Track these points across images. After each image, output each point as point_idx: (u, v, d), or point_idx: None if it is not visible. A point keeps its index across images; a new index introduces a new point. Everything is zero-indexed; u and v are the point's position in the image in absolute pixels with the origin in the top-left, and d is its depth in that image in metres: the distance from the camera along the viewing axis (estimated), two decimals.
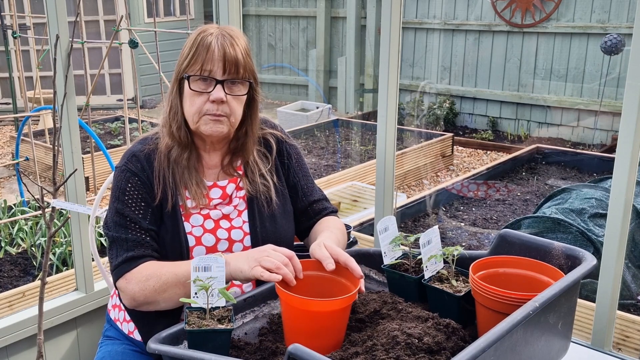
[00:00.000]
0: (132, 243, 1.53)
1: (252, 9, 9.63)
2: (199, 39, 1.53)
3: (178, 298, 1.44)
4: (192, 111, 1.55)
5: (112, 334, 1.69)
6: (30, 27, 5.90)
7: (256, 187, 1.64)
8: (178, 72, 1.56)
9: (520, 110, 7.52)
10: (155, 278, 1.47)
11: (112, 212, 1.57)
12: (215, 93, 1.52)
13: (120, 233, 1.55)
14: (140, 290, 1.47)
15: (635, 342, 2.60)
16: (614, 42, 6.37)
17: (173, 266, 1.48)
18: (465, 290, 1.39)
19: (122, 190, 1.57)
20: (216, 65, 1.51)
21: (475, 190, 5.27)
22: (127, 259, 1.52)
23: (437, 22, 7.89)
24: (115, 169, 1.62)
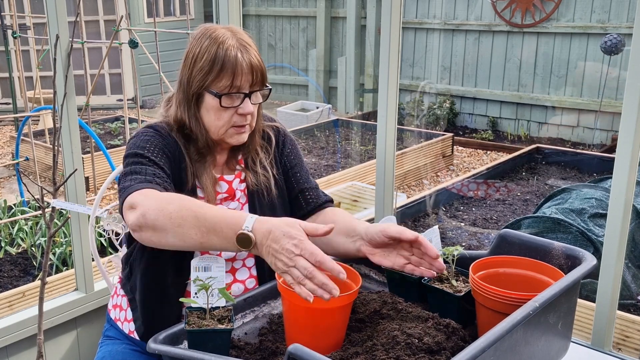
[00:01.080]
0: (150, 175, 1.45)
1: (252, 9, 9.63)
2: (221, 52, 1.49)
3: (189, 241, 1.30)
4: (218, 125, 1.53)
5: (113, 334, 1.69)
6: (30, 27, 5.90)
7: (257, 178, 1.63)
8: (199, 86, 1.52)
9: (520, 110, 7.52)
10: (177, 206, 1.32)
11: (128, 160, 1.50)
12: (246, 107, 1.52)
13: (137, 166, 1.47)
14: (156, 209, 1.32)
15: (635, 342, 2.60)
16: (614, 42, 6.37)
17: (198, 206, 1.32)
18: (465, 290, 1.39)
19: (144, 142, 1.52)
20: (244, 79, 1.50)
21: (475, 190, 5.27)
22: (148, 180, 1.43)
23: (437, 22, 7.89)
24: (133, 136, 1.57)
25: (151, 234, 1.33)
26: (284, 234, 1.22)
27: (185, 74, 1.54)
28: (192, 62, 1.53)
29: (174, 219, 1.30)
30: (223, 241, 1.28)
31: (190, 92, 1.54)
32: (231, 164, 1.65)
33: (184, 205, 1.32)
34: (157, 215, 1.31)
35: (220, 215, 1.30)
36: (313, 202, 1.69)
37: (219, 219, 1.29)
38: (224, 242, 1.28)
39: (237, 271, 1.60)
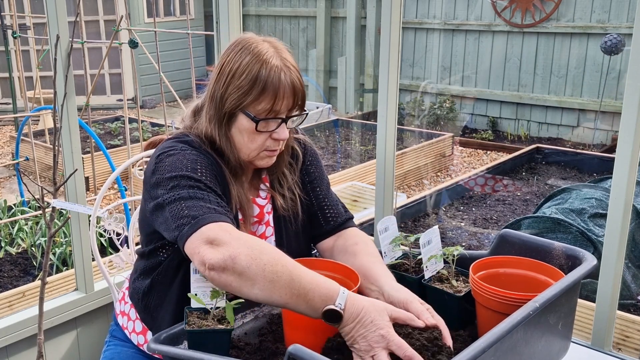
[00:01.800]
0: (215, 204, 1.31)
1: (252, 9, 9.63)
2: (264, 72, 1.38)
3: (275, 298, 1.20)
4: (250, 147, 1.44)
5: (120, 336, 1.65)
6: (30, 27, 5.89)
7: (286, 203, 1.55)
8: (235, 106, 1.41)
9: (520, 110, 7.52)
10: (272, 258, 1.21)
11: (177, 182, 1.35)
12: (282, 133, 1.43)
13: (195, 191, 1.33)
14: (248, 256, 1.19)
15: (635, 342, 2.60)
16: (614, 42, 6.37)
17: (292, 265, 1.22)
18: (465, 291, 1.39)
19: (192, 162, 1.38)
20: (284, 103, 1.41)
21: (475, 190, 5.27)
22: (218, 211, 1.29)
23: (437, 22, 7.89)
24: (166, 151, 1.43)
25: (234, 280, 1.20)
26: (371, 321, 1.17)
27: (220, 89, 1.43)
28: (229, 77, 1.42)
29: (267, 273, 1.19)
30: (309, 310, 1.20)
31: (223, 109, 1.43)
32: (255, 183, 1.57)
33: (278, 259, 1.22)
34: (249, 264, 1.19)
35: (315, 282, 1.21)
36: (333, 221, 1.60)
37: (313, 286, 1.20)
38: (309, 311, 1.21)
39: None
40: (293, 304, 1.20)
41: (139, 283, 1.57)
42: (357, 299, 1.20)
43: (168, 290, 1.50)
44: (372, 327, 1.16)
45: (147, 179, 1.44)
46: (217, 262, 1.19)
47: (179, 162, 1.39)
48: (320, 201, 1.61)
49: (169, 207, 1.33)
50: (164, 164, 1.40)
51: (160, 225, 1.37)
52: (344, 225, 1.61)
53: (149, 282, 1.53)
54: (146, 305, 1.55)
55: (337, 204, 1.64)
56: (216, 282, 1.22)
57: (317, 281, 1.21)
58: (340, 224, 1.61)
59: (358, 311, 1.18)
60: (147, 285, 1.53)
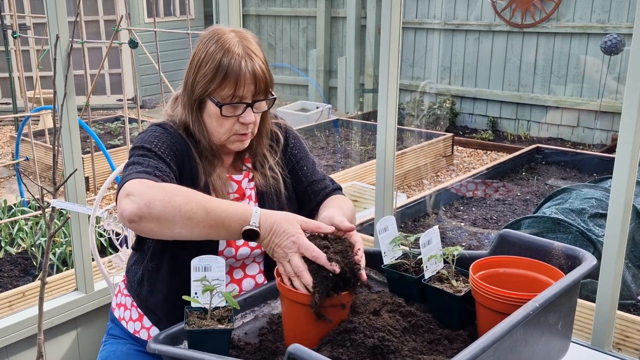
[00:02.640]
0: (152, 168, 1.43)
1: (252, 9, 9.62)
2: (225, 60, 1.48)
3: (196, 232, 1.32)
4: (220, 131, 1.54)
5: (117, 333, 1.68)
6: (30, 27, 5.89)
7: (267, 181, 1.64)
8: (202, 92, 1.51)
9: (520, 110, 7.52)
10: (185, 198, 1.31)
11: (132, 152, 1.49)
12: (247, 117, 1.52)
13: (140, 158, 1.46)
14: (162, 200, 1.29)
15: (635, 342, 2.60)
16: (614, 42, 6.37)
17: (206, 200, 1.33)
18: (465, 290, 1.39)
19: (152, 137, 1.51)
20: (247, 89, 1.49)
21: (475, 190, 5.27)
22: (147, 172, 1.41)
23: (437, 22, 7.89)
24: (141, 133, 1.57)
25: (154, 225, 1.30)
26: (284, 230, 1.31)
27: (190, 78, 1.53)
28: (197, 66, 1.52)
29: (183, 212, 1.30)
30: (230, 234, 1.34)
31: (193, 96, 1.53)
32: (237, 165, 1.65)
33: (191, 198, 1.33)
34: (165, 207, 1.29)
35: (229, 210, 1.33)
36: (321, 193, 1.70)
37: (228, 213, 1.33)
38: (230, 235, 1.34)
39: (247, 267, 1.60)
40: (214, 233, 1.33)
41: (132, 275, 1.65)
42: (271, 214, 1.34)
43: (157, 277, 1.57)
44: (284, 236, 1.30)
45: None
46: (133, 212, 1.29)
47: (141, 137, 1.53)
48: (309, 178, 1.71)
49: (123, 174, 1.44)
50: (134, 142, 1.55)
51: None
52: (330, 194, 1.71)
53: (140, 272, 1.61)
54: (139, 295, 1.61)
55: (324, 179, 1.74)
56: (139, 231, 1.33)
57: (230, 208, 1.34)
58: (327, 193, 1.70)
59: (271, 224, 1.32)
60: (140, 276, 1.61)
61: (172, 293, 1.51)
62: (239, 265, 1.59)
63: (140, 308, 1.62)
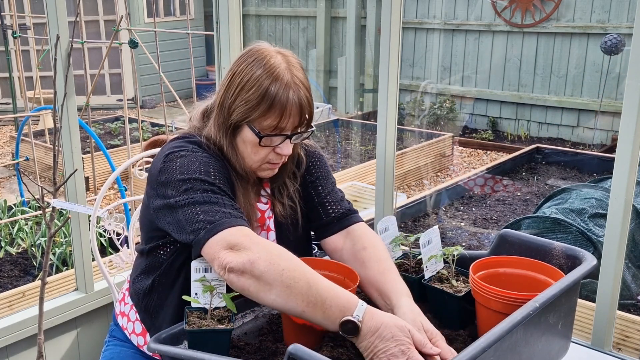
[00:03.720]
0: (231, 208, 1.32)
1: (252, 9, 9.62)
2: (273, 89, 1.38)
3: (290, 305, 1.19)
4: (254, 159, 1.45)
5: (120, 336, 1.65)
6: (30, 27, 5.89)
7: (286, 211, 1.56)
8: (241, 118, 1.41)
9: (520, 110, 7.52)
10: (290, 263, 1.21)
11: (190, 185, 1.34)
12: (285, 149, 1.44)
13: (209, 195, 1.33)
14: (267, 260, 1.20)
15: (635, 342, 2.60)
16: (614, 42, 6.37)
17: (310, 272, 1.22)
18: (465, 290, 1.39)
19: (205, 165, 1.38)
20: (290, 120, 1.40)
21: (475, 190, 5.27)
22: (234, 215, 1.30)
23: (437, 22, 7.89)
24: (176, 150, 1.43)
25: (252, 283, 1.21)
26: (392, 336, 1.16)
27: (229, 99, 1.43)
28: (239, 89, 1.41)
29: (285, 278, 1.19)
30: (327, 320, 1.19)
31: (230, 120, 1.43)
32: (257, 189, 1.57)
33: (296, 265, 1.22)
34: (267, 268, 1.20)
35: (332, 291, 1.20)
36: (334, 213, 1.58)
37: (331, 295, 1.19)
38: (326, 321, 1.19)
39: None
40: (310, 312, 1.19)
41: (139, 283, 1.57)
42: (377, 313, 1.18)
43: (169, 292, 1.50)
44: (392, 343, 1.15)
45: (153, 177, 1.44)
46: (237, 266, 1.21)
47: (191, 164, 1.38)
48: (322, 197, 1.60)
49: (182, 210, 1.33)
50: (174, 164, 1.40)
51: (168, 226, 1.37)
52: (348, 221, 1.58)
53: (149, 283, 1.53)
54: (146, 306, 1.55)
55: (341, 200, 1.61)
56: (234, 285, 1.24)
57: (335, 291, 1.20)
58: (341, 215, 1.58)
59: (377, 325, 1.16)
60: (148, 286, 1.53)
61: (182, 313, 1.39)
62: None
63: (143, 322, 1.56)
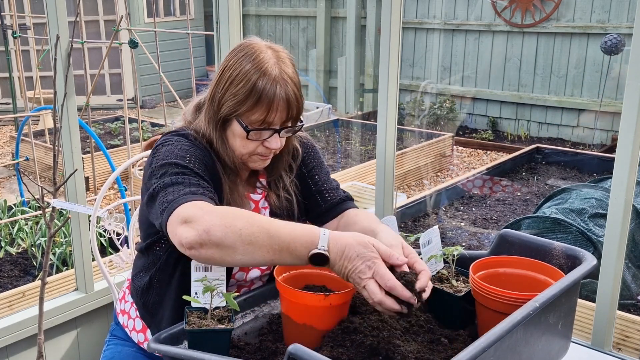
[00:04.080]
0: (195, 186, 1.34)
1: (252, 9, 9.62)
2: (260, 84, 1.39)
3: (258, 259, 1.22)
4: (242, 152, 1.48)
5: (120, 335, 1.66)
6: (30, 27, 5.89)
7: (281, 203, 1.58)
8: (229, 112, 1.43)
9: (520, 110, 7.52)
10: (245, 222, 1.22)
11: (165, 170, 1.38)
12: (273, 143, 1.46)
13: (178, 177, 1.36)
14: (222, 225, 1.21)
15: (635, 342, 2.60)
16: (614, 42, 6.37)
17: (268, 222, 1.24)
18: (465, 290, 1.39)
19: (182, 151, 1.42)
20: (278, 115, 1.42)
21: (475, 190, 5.27)
22: (194, 192, 1.32)
23: (437, 22, 7.89)
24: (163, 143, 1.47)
25: (215, 252, 1.22)
26: (357, 255, 1.20)
27: (218, 93, 1.45)
28: (228, 83, 1.43)
29: (244, 237, 1.21)
30: (297, 259, 1.23)
31: (220, 113, 1.46)
32: (252, 181, 1.60)
33: (252, 221, 1.23)
34: (224, 232, 1.21)
35: (293, 233, 1.23)
36: (331, 200, 1.62)
37: (293, 236, 1.22)
38: (297, 261, 1.23)
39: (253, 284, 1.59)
40: (278, 258, 1.23)
41: (138, 280, 1.59)
42: (340, 236, 1.22)
43: (167, 288, 1.51)
44: (358, 261, 1.20)
45: (145, 172, 1.48)
46: (193, 239, 1.21)
47: (170, 151, 1.43)
48: (319, 186, 1.64)
49: (158, 196, 1.36)
50: (158, 155, 1.44)
51: (152, 216, 1.40)
52: (344, 206, 1.62)
53: (147, 280, 1.55)
54: (145, 303, 1.56)
55: (336, 188, 1.66)
56: (198, 259, 1.25)
57: (296, 232, 1.23)
58: (338, 201, 1.62)
59: (342, 248, 1.21)
60: (146, 283, 1.55)
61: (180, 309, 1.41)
62: (248, 285, 1.58)
63: (144, 319, 1.58)
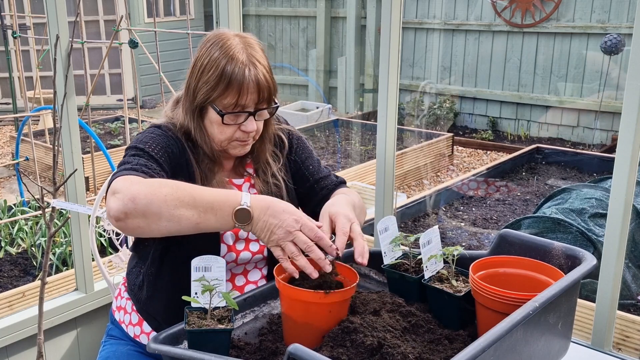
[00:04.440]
0: (139, 165, 1.40)
1: (252, 9, 9.62)
2: (229, 68, 1.44)
3: (184, 223, 1.26)
4: (221, 138, 1.51)
5: (116, 334, 1.68)
6: (30, 27, 5.90)
7: (269, 188, 1.60)
8: (203, 99, 1.48)
9: (520, 110, 7.53)
10: (171, 188, 1.27)
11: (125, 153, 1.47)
12: (249, 126, 1.49)
13: (130, 157, 1.43)
14: (147, 192, 1.25)
15: (635, 342, 2.60)
16: (614, 42, 6.37)
17: (192, 187, 1.30)
18: (465, 290, 1.39)
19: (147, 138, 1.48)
20: (250, 98, 1.46)
21: (475, 190, 5.27)
22: (134, 169, 1.38)
23: (437, 22, 7.89)
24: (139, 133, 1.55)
25: (141, 221, 1.25)
26: (283, 210, 1.27)
27: (192, 83, 1.50)
28: (200, 72, 1.48)
29: (169, 202, 1.25)
30: (220, 219, 1.28)
31: (195, 102, 1.50)
32: (239, 170, 1.63)
33: (178, 186, 1.29)
34: (149, 199, 1.24)
35: (217, 194, 1.30)
36: (326, 187, 1.67)
37: (216, 197, 1.29)
38: (221, 220, 1.28)
39: (249, 272, 1.60)
40: (203, 220, 1.27)
41: (132, 275, 1.63)
42: (264, 196, 1.31)
43: (158, 281, 1.55)
44: (285, 215, 1.26)
45: None
46: (118, 209, 1.24)
47: (136, 139, 1.50)
48: (315, 175, 1.69)
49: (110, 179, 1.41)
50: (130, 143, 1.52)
51: None
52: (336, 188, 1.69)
53: (140, 275, 1.59)
54: (139, 299, 1.60)
55: (329, 175, 1.72)
56: (126, 231, 1.30)
57: (220, 193, 1.30)
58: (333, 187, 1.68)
59: (267, 204, 1.27)
60: (139, 279, 1.60)
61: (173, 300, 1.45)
62: (241, 272, 1.59)
63: (140, 313, 1.61)
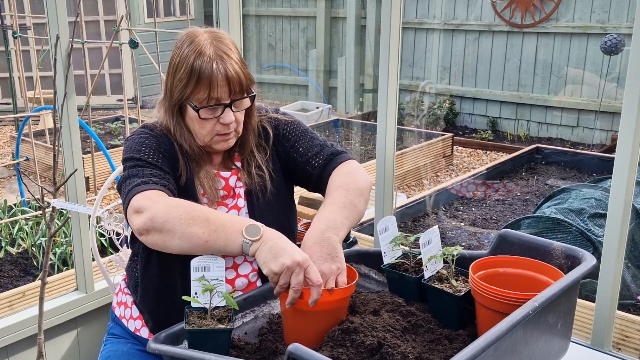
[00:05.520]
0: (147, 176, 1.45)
1: (252, 9, 9.62)
2: (198, 64, 1.47)
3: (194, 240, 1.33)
4: (202, 133, 1.54)
5: (117, 332, 1.69)
6: (30, 27, 5.89)
7: (252, 179, 1.62)
8: (179, 97, 1.51)
9: (520, 110, 7.52)
10: (185, 209, 1.35)
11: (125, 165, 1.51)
12: (226, 118, 1.52)
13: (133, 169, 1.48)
14: (164, 212, 1.34)
15: (635, 342, 2.60)
16: (614, 42, 6.37)
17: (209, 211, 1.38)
18: (465, 290, 1.39)
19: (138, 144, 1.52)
20: (221, 90, 1.48)
21: (475, 190, 5.27)
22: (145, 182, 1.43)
23: (437, 22, 7.89)
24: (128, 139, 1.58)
25: (158, 237, 1.35)
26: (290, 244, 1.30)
27: (169, 83, 1.53)
28: (174, 71, 1.51)
29: (184, 220, 1.33)
30: (230, 235, 1.32)
31: (173, 101, 1.53)
32: (227, 164, 1.65)
33: (194, 207, 1.36)
34: (166, 217, 1.33)
35: (232, 216, 1.38)
36: (318, 166, 1.63)
37: (230, 218, 1.36)
38: (230, 237, 1.32)
39: (239, 266, 1.60)
40: (213, 238, 1.32)
41: (129, 270, 1.67)
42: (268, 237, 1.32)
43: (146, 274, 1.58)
44: (294, 248, 1.29)
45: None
46: (141, 226, 1.35)
47: (128, 147, 1.54)
48: (304, 156, 1.65)
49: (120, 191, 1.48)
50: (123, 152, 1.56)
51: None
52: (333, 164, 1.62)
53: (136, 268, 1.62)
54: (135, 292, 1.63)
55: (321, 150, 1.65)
56: (147, 243, 1.39)
57: (235, 216, 1.40)
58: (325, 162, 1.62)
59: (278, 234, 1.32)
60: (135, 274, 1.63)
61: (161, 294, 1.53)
62: (231, 265, 1.59)
63: (136, 305, 1.65)
